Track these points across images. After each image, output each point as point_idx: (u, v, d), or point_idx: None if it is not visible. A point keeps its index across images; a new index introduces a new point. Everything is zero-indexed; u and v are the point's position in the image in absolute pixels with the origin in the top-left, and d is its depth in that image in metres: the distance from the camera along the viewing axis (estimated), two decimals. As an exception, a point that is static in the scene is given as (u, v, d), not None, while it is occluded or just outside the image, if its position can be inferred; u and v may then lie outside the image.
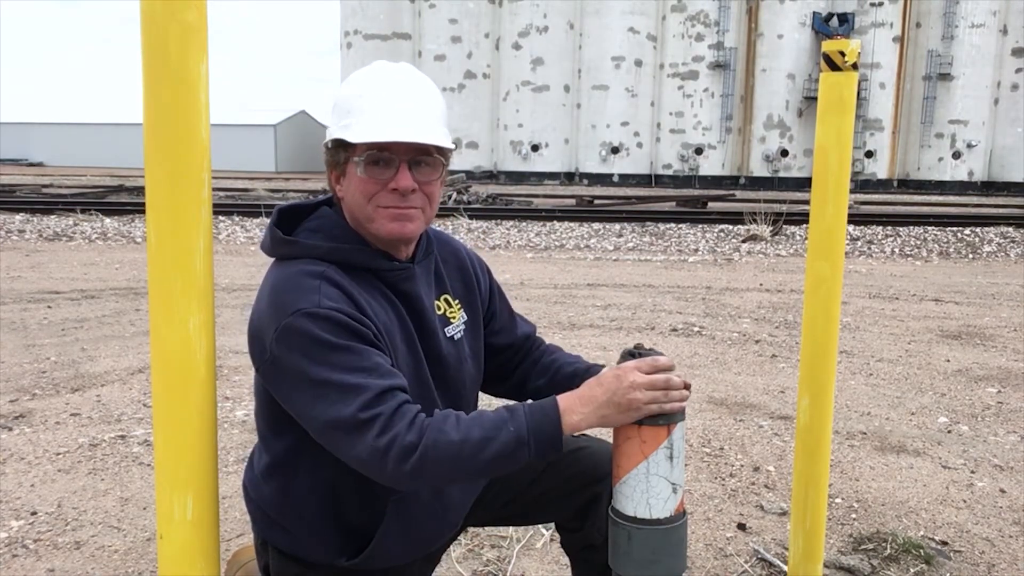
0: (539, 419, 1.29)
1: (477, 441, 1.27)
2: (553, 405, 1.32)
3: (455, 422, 1.29)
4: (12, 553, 2.56)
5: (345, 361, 1.29)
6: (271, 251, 1.47)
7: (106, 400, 4.17)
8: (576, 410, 1.31)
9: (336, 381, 1.27)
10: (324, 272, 1.38)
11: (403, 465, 1.25)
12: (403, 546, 1.50)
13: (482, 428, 1.28)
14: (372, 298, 1.43)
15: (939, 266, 10.89)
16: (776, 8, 44.36)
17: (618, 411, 1.30)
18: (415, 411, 1.30)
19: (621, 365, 1.35)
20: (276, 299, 1.35)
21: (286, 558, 1.53)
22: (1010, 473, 3.36)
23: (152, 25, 1.10)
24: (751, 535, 2.77)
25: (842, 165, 1.68)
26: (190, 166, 1.15)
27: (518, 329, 1.77)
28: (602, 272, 9.67)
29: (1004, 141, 44.74)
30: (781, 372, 5.01)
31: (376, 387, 1.28)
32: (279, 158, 60.06)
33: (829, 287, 1.72)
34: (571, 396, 1.33)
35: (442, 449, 1.26)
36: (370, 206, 1.41)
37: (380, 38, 46.20)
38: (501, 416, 1.30)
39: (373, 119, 1.37)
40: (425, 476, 1.28)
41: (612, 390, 1.31)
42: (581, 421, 1.31)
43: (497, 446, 1.27)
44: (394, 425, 1.26)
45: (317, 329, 1.29)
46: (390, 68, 1.44)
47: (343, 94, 1.42)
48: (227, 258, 10.15)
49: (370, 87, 1.40)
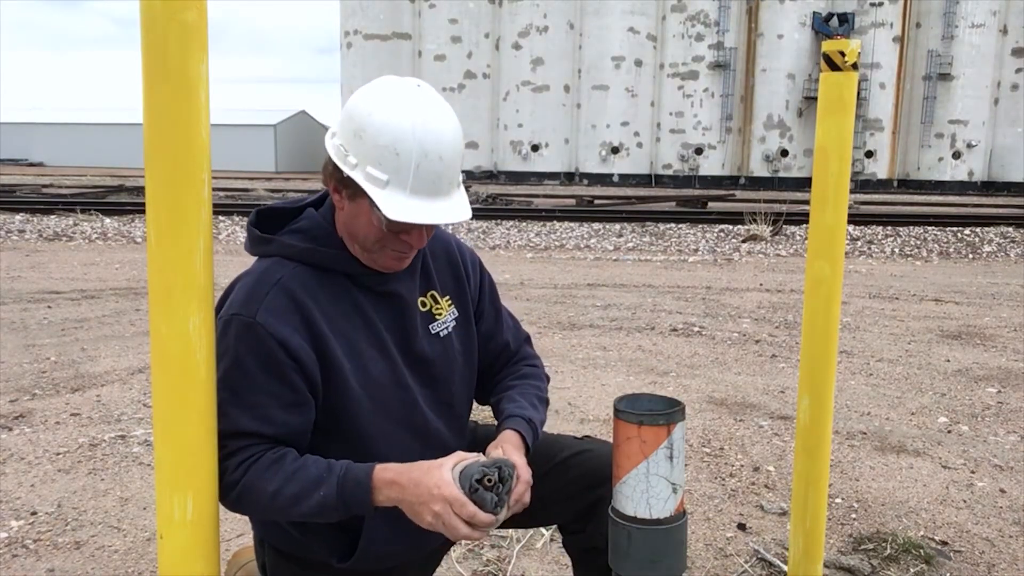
0: (351, 489, 1.33)
1: (289, 496, 1.32)
2: (368, 481, 1.33)
3: (275, 471, 1.33)
4: (12, 553, 2.56)
5: (236, 384, 1.34)
6: (250, 250, 1.51)
7: (106, 400, 4.17)
8: (383, 491, 1.33)
9: (219, 397, 1.31)
10: (282, 279, 1.40)
11: (227, 497, 1.34)
12: (393, 546, 1.50)
13: (298, 484, 1.33)
14: (335, 303, 1.43)
15: (939, 266, 10.89)
16: (776, 8, 44.33)
17: (410, 514, 1.34)
18: (254, 454, 1.35)
19: (442, 487, 1.29)
20: (234, 291, 1.43)
21: (283, 556, 1.54)
22: (1010, 473, 3.36)
23: (152, 25, 1.10)
24: (751, 535, 2.77)
25: (842, 165, 1.68)
26: (190, 166, 1.14)
27: (501, 336, 1.70)
28: (602, 272, 9.67)
29: (1004, 141, 44.71)
30: (781, 372, 5.01)
31: (236, 424, 1.34)
32: (279, 158, 60.04)
33: (829, 287, 1.72)
34: (388, 473, 1.33)
35: (255, 494, 1.33)
36: (377, 245, 1.42)
37: (380, 38, 46.21)
38: (320, 475, 1.34)
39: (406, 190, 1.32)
40: (244, 511, 1.40)
41: (418, 499, 1.30)
42: (384, 501, 1.34)
43: (307, 505, 1.33)
44: (228, 460, 1.33)
45: (237, 341, 1.35)
46: (430, 116, 1.33)
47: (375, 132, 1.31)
48: (227, 258, 10.15)
49: (410, 144, 1.30)
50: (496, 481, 1.31)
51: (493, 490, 1.31)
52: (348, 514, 1.34)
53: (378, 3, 46.29)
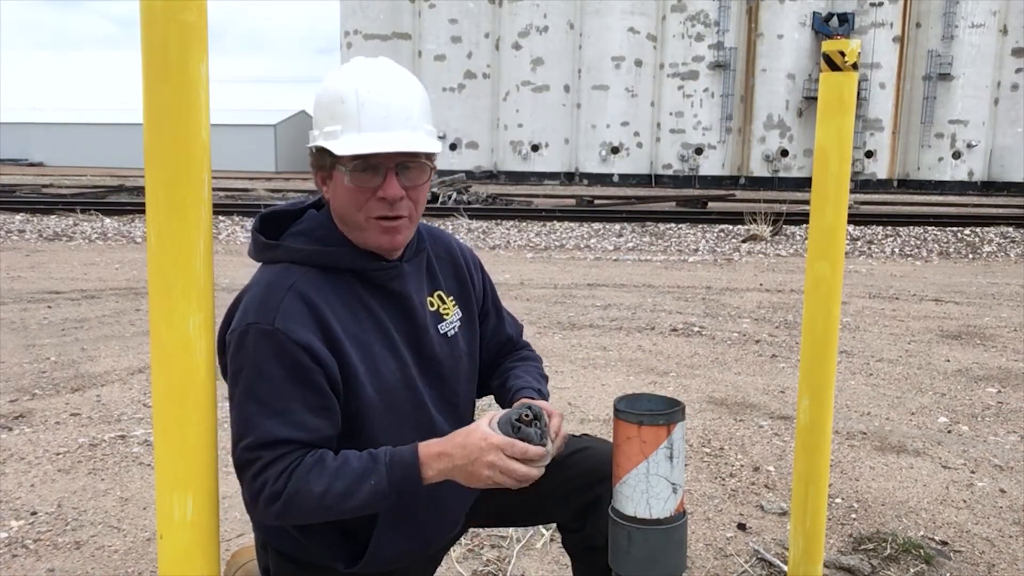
0: (400, 473, 1.33)
1: (338, 493, 1.32)
2: (414, 459, 1.34)
3: (319, 472, 1.32)
4: (12, 553, 2.56)
5: (263, 394, 1.33)
6: (256, 256, 1.49)
7: (106, 400, 4.17)
8: (432, 465, 1.34)
9: (246, 410, 1.30)
10: (295, 284, 1.39)
11: (269, 509, 1.32)
12: (401, 548, 1.50)
13: (345, 480, 1.32)
14: (346, 306, 1.43)
15: (939, 266, 10.89)
16: (776, 8, 44.32)
17: (465, 478, 1.35)
18: (293, 460, 1.32)
19: (489, 437, 1.33)
20: (244, 302, 1.40)
21: (287, 561, 1.53)
22: (1010, 473, 3.36)
23: (152, 25, 1.10)
24: (751, 535, 2.77)
25: (842, 165, 1.68)
26: (190, 166, 1.14)
27: (504, 329, 1.76)
28: (602, 272, 9.67)
29: (1004, 141, 44.69)
30: (781, 372, 5.01)
31: (271, 433, 1.31)
32: (279, 158, 60.04)
33: (829, 287, 1.72)
34: (433, 447, 1.35)
35: (303, 499, 1.31)
36: (360, 215, 1.41)
37: (380, 38, 46.18)
38: (365, 466, 1.33)
39: (357, 128, 1.36)
40: (290, 519, 1.36)
41: (469, 459, 1.32)
42: (435, 476, 1.35)
43: (358, 499, 1.32)
44: (267, 471, 1.31)
45: (257, 349, 1.33)
46: (369, 66, 1.41)
47: (325, 98, 1.40)
48: (227, 258, 10.15)
49: (351, 90, 1.37)
50: (532, 417, 1.36)
51: (533, 425, 1.36)
52: (400, 499, 1.35)
53: (378, 3, 46.28)
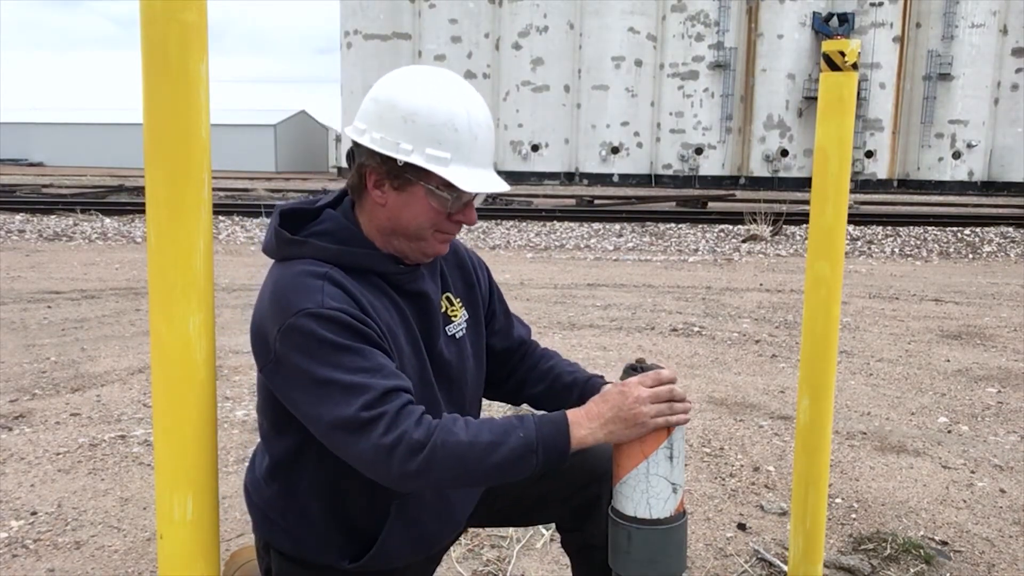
0: (549, 430, 1.29)
1: (486, 444, 1.26)
2: (563, 418, 1.32)
3: (464, 424, 1.29)
4: (12, 553, 2.56)
5: (348, 361, 1.28)
6: (276, 252, 1.44)
7: (106, 400, 4.17)
8: (584, 424, 1.31)
9: (339, 381, 1.26)
10: (327, 273, 1.36)
11: (409, 464, 1.23)
12: (407, 547, 1.49)
13: (492, 432, 1.28)
14: (376, 300, 1.41)
15: (939, 266, 10.89)
16: (776, 8, 44.31)
17: (625, 426, 1.31)
18: (420, 411, 1.29)
19: (625, 380, 1.35)
20: (279, 299, 1.33)
21: (289, 561, 1.52)
22: (1010, 473, 3.36)
23: (152, 25, 1.10)
24: (751, 535, 2.77)
25: (842, 165, 1.68)
26: (190, 166, 1.14)
27: (514, 331, 1.75)
28: (602, 272, 9.67)
29: (1004, 141, 44.67)
30: (781, 372, 5.01)
31: (380, 387, 1.26)
32: (279, 158, 60.07)
33: (829, 287, 1.72)
34: (578, 411, 1.34)
35: (451, 448, 1.25)
36: (429, 230, 1.42)
37: (380, 38, 46.18)
38: (511, 423, 1.30)
39: (467, 162, 1.36)
40: (430, 476, 1.25)
41: (618, 406, 1.31)
42: (588, 436, 1.31)
43: (505, 451, 1.26)
44: (400, 423, 1.25)
45: (320, 329, 1.28)
46: (469, 92, 1.38)
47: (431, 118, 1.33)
48: (227, 258, 10.15)
49: (463, 118, 1.35)
50: (645, 364, 1.41)
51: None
52: (544, 457, 1.28)
53: (378, 3, 46.27)
